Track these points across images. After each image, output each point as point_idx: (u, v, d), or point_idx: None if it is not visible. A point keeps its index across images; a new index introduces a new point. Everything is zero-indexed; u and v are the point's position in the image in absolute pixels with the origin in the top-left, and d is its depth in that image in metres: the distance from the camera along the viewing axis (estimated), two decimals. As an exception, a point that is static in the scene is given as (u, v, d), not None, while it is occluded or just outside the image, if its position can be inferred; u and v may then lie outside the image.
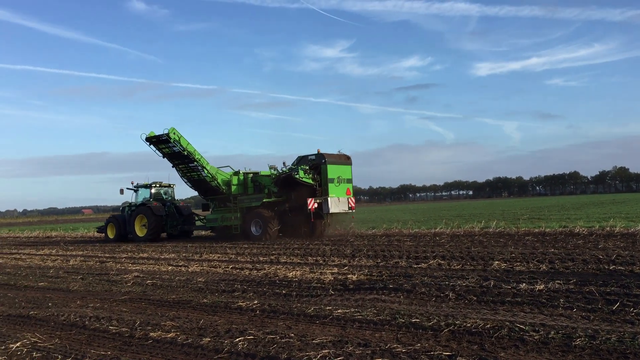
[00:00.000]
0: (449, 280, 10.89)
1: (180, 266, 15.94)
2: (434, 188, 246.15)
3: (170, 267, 15.81)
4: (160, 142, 25.77)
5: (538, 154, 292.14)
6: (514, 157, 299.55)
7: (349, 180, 25.05)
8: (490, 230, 22.71)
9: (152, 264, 16.92)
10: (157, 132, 25.64)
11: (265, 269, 14.07)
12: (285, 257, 16.77)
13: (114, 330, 8.13)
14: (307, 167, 24.42)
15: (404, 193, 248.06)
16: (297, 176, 23.82)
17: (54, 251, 24.55)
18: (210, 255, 18.80)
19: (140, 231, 28.40)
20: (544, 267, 12.10)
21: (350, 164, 25.39)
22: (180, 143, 25.22)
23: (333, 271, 13.10)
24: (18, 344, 7.58)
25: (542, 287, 9.64)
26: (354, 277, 11.84)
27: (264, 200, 24.97)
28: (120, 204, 33.88)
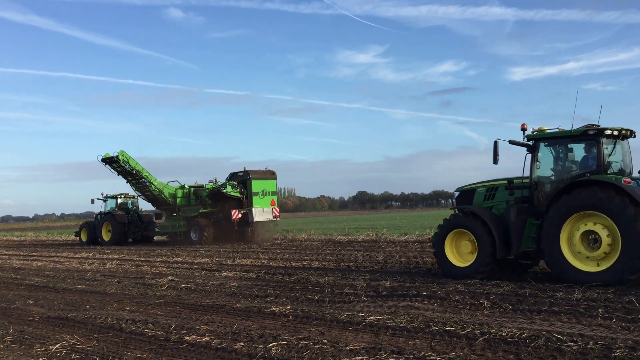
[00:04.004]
0: (484, 287, 10.75)
1: (214, 271, 16.10)
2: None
3: (204, 272, 15.98)
4: (114, 162, 29.32)
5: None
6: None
7: (274, 193, 29.23)
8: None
9: (186, 268, 17.14)
10: (111, 154, 29.03)
11: (297, 274, 14.12)
12: (317, 263, 16.80)
13: (149, 334, 8.27)
14: (235, 182, 28.32)
15: (436, 199, 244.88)
16: (224, 190, 27.80)
17: (91, 254, 25.06)
18: (243, 260, 18.95)
19: (106, 236, 32.52)
20: (582, 276, 11.82)
21: (274, 179, 29.42)
22: (129, 163, 28.83)
23: (365, 277, 13.06)
24: (57, 346, 7.77)
25: (579, 296, 9.45)
26: (387, 284, 11.78)
27: (201, 211, 28.79)
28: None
